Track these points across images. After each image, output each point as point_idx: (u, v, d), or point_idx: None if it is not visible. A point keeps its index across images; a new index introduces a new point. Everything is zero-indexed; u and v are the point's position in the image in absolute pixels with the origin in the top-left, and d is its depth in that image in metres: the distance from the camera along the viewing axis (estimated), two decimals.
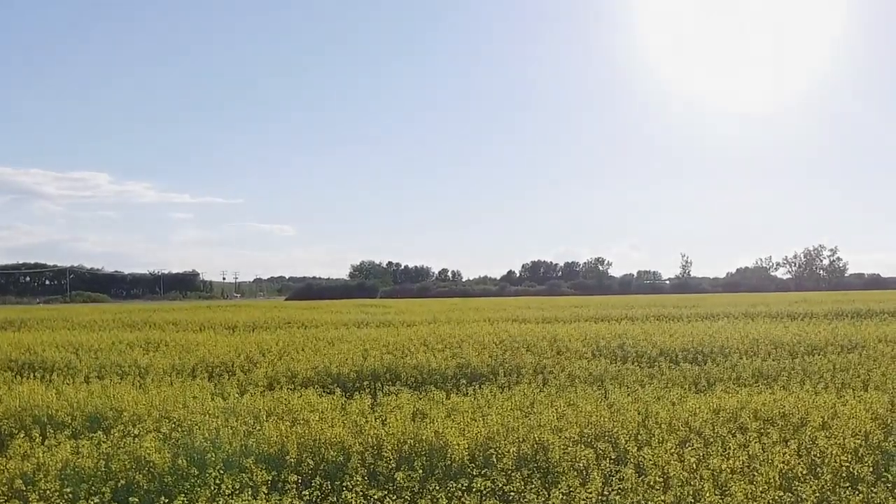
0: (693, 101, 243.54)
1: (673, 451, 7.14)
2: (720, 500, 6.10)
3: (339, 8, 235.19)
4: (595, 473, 6.75)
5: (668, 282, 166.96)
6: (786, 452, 6.88)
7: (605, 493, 6.43)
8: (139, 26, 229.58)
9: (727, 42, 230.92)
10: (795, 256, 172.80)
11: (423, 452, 7.49)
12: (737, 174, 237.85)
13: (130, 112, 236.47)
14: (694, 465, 6.70)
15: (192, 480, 6.84)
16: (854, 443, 7.32)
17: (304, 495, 6.57)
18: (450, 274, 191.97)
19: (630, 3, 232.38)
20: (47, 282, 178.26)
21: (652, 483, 6.45)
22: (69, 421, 9.36)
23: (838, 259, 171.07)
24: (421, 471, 6.90)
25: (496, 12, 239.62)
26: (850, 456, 7.01)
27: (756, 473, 6.57)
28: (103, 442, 7.74)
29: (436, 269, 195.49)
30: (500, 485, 6.67)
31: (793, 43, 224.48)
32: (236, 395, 10.92)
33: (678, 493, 6.28)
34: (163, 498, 6.35)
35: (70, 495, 6.64)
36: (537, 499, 6.30)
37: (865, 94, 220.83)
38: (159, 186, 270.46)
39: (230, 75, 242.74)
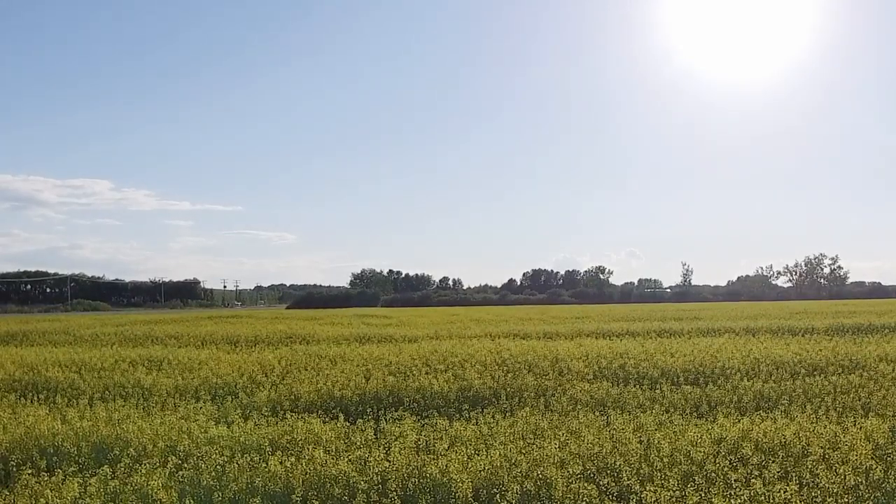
0: (694, 111, 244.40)
1: (675, 488, 7.18)
2: None
3: (340, 13, 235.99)
4: None
5: (668, 290, 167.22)
6: (786, 490, 6.93)
7: None
8: (139, 33, 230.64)
9: (728, 49, 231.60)
10: (796, 265, 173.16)
11: (427, 489, 7.54)
12: (738, 183, 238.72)
13: (130, 119, 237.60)
14: None
15: None
16: (854, 479, 7.38)
17: None
18: (450, 282, 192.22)
19: (627, 13, 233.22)
20: (48, 290, 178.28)
21: None
22: (75, 453, 9.40)
23: (839, 267, 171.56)
24: None
25: (494, 18, 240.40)
26: (850, 496, 7.06)
27: None
28: (111, 479, 7.77)
29: (436, 278, 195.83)
30: None
31: (796, 50, 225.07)
32: (240, 421, 10.96)
33: None
34: None
35: None
36: None
37: (868, 103, 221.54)
38: (158, 194, 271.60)
39: (229, 81, 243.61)
